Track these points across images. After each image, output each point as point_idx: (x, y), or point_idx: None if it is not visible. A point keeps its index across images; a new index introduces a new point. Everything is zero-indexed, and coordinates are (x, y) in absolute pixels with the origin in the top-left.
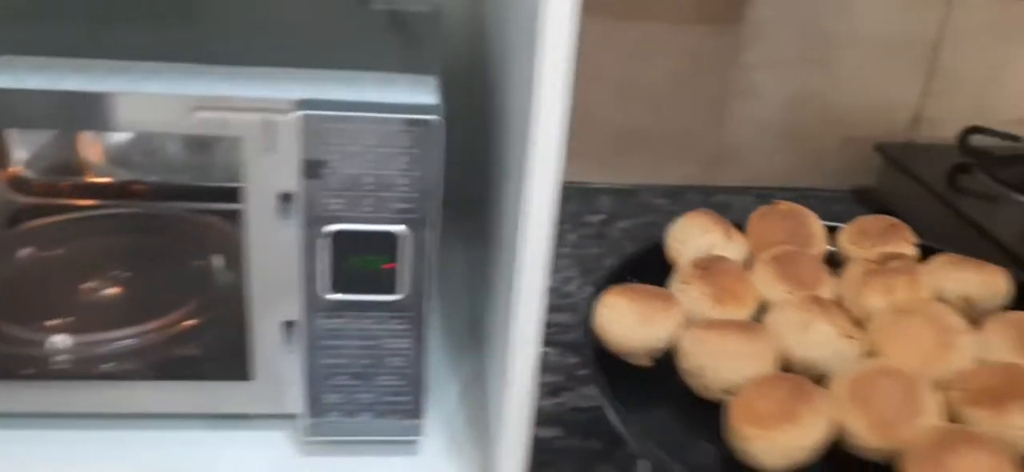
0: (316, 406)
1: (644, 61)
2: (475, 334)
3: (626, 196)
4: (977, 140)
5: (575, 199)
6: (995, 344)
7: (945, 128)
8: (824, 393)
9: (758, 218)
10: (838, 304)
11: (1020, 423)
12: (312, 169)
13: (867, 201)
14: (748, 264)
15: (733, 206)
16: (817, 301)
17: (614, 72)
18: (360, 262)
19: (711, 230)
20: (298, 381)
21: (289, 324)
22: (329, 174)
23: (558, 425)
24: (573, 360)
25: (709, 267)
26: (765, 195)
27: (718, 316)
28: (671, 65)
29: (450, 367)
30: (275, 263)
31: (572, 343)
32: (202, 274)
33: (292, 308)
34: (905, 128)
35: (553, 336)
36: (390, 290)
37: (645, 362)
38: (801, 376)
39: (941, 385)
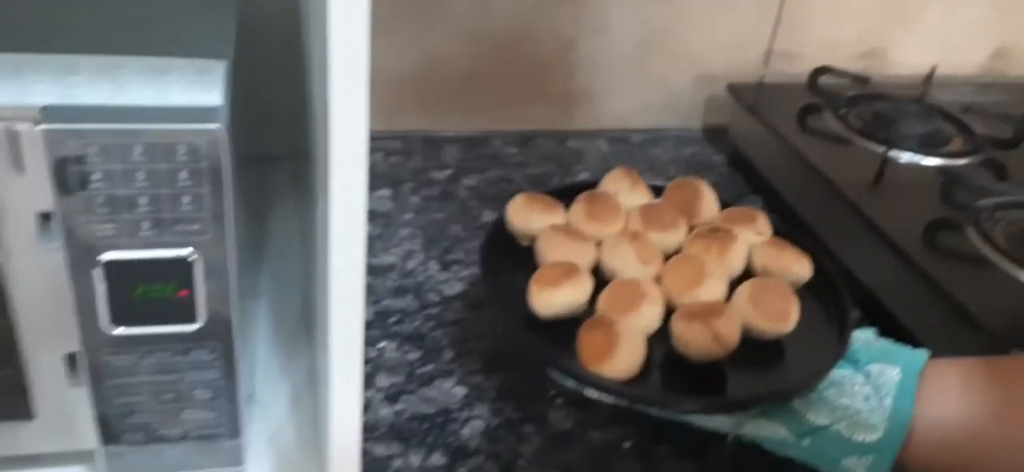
0: (113, 442)
1: (491, 1)
2: (310, 329)
3: (474, 145)
4: (826, 80)
5: (419, 152)
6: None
7: (799, 63)
8: (586, 276)
9: (672, 186)
10: (645, 239)
11: (714, 325)
12: (68, 187)
13: (719, 141)
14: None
15: (586, 152)
16: (632, 234)
17: (460, 13)
18: (148, 291)
19: (622, 180)
20: (89, 416)
21: (72, 357)
22: (94, 194)
23: (396, 439)
24: (415, 355)
25: (593, 196)
26: (619, 137)
27: (588, 230)
28: (519, 5)
29: (281, 372)
30: (44, 293)
31: (414, 334)
32: None
33: (72, 341)
34: (757, 65)
35: (393, 326)
36: (188, 319)
37: (524, 242)
38: (573, 263)
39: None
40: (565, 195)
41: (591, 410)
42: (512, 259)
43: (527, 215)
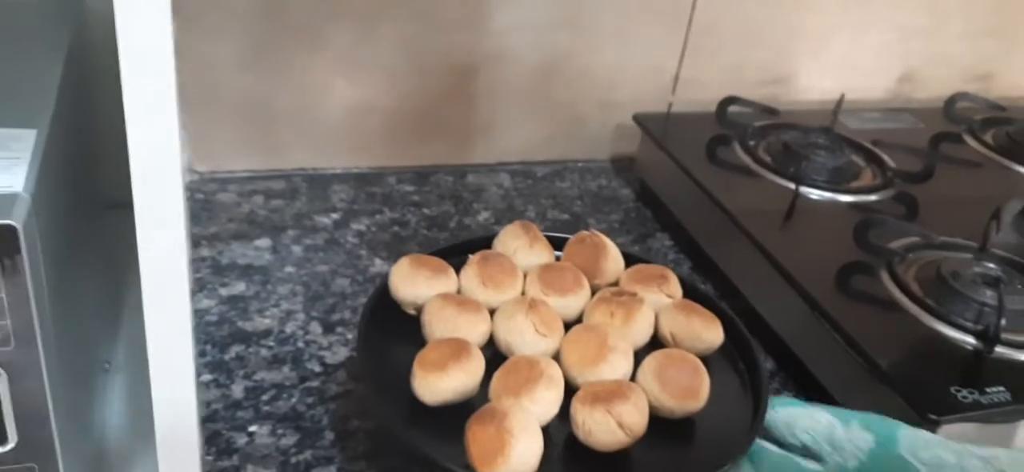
0: None
1: (374, 27)
2: None
3: (366, 183)
4: (735, 109)
5: (305, 193)
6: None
7: (707, 91)
8: (475, 356)
9: (571, 244)
10: (543, 307)
11: (617, 412)
12: None
13: (626, 172)
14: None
15: (486, 188)
16: (530, 303)
17: (347, 42)
18: None
19: (519, 236)
20: None
21: None
22: None
23: None
24: (290, 440)
25: (487, 257)
26: (522, 171)
27: (482, 296)
28: (411, 33)
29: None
30: None
31: (290, 413)
32: None
33: None
34: (665, 92)
35: (266, 406)
36: None
37: (410, 311)
38: (464, 340)
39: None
40: (458, 252)
41: None
42: (398, 330)
43: (413, 281)
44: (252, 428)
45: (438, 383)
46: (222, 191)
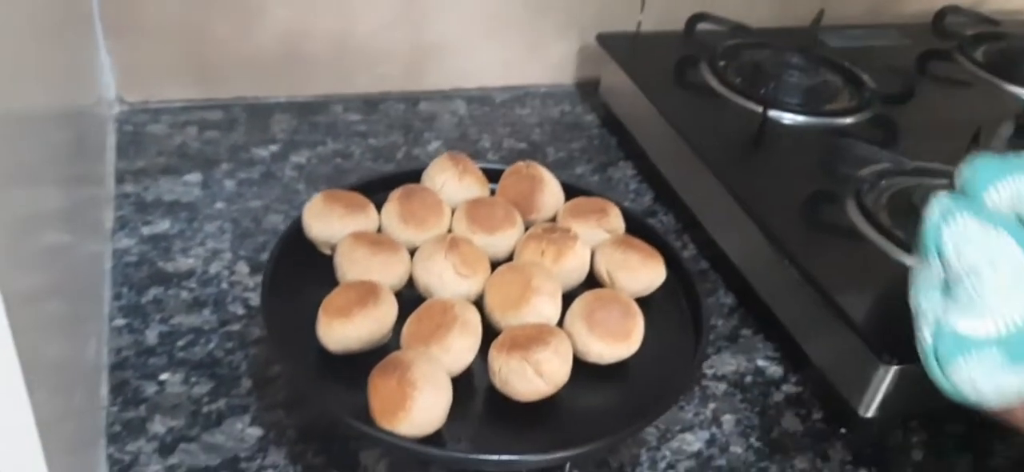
0: None
1: None
2: None
3: (309, 112)
4: (705, 27)
5: (243, 124)
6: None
7: (681, 7)
8: (387, 301)
9: (506, 176)
10: (465, 246)
11: (535, 360)
12: None
13: (591, 98)
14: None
15: (440, 116)
16: (450, 241)
17: None
18: None
19: (447, 169)
20: None
21: None
22: None
23: None
24: (204, 389)
25: (409, 192)
26: (479, 97)
27: (402, 235)
28: None
29: None
30: None
31: (206, 360)
32: None
33: None
34: (634, 10)
35: (181, 352)
36: None
37: (326, 251)
38: (373, 283)
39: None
40: (382, 187)
41: None
42: (314, 272)
43: (326, 219)
44: (163, 376)
45: (342, 330)
46: (153, 122)
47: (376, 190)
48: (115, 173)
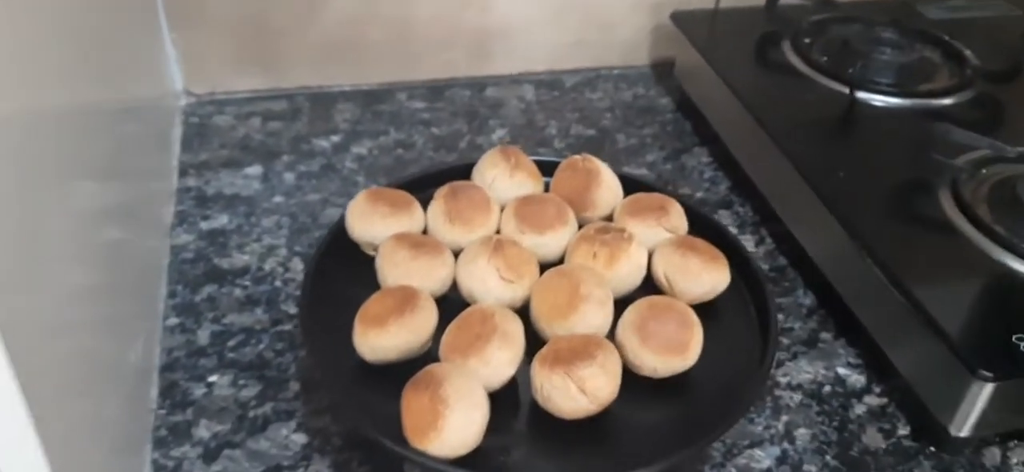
0: None
1: None
2: None
3: (373, 101)
4: (787, 2)
5: (307, 113)
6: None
7: None
8: (425, 308)
9: (561, 170)
10: (511, 248)
11: (578, 376)
12: None
13: (666, 80)
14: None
15: (506, 103)
16: (495, 243)
17: None
18: None
19: (498, 164)
20: None
21: None
22: None
23: None
24: (251, 391)
25: (456, 190)
26: (548, 81)
27: (448, 236)
28: None
29: None
30: None
31: (256, 361)
32: None
33: None
34: None
35: (231, 352)
36: None
37: (370, 252)
38: (412, 289)
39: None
40: (432, 183)
41: None
42: (359, 274)
43: (368, 219)
44: (212, 378)
45: (377, 340)
46: (219, 114)
47: (427, 186)
48: (178, 167)
